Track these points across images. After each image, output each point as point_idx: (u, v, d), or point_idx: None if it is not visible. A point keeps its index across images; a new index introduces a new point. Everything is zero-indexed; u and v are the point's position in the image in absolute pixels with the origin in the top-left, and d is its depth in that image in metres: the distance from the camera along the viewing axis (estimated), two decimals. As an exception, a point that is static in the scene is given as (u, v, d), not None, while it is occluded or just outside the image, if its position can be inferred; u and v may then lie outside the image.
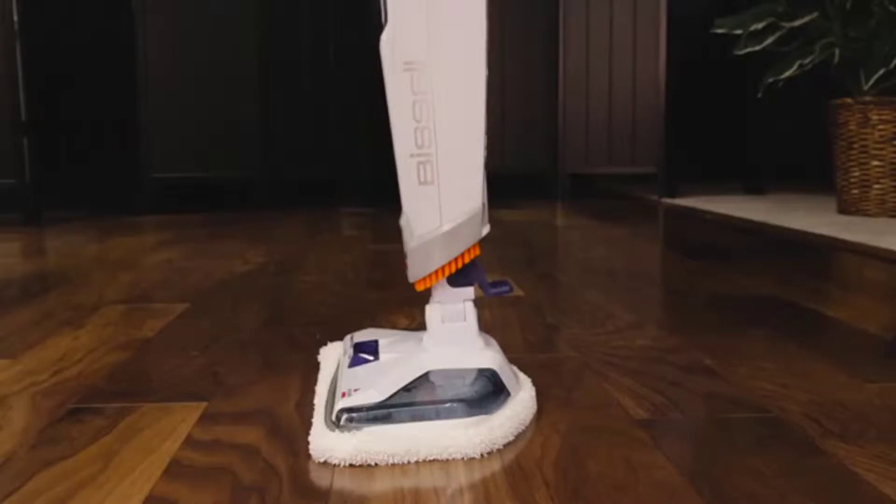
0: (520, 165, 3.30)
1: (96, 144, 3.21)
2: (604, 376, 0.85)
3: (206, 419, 0.73)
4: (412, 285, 0.75)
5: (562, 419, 0.72)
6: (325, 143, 3.40)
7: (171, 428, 0.71)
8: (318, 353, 0.91)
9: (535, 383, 0.77)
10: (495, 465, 0.63)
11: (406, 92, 0.70)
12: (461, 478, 0.61)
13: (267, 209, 2.92)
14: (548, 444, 0.67)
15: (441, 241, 0.72)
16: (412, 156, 0.71)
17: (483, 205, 0.73)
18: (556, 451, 0.65)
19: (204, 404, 0.77)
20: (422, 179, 0.71)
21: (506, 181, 3.42)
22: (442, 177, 0.71)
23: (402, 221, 0.73)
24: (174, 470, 0.62)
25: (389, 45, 0.69)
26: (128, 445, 0.67)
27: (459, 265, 0.73)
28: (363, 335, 0.83)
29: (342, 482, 0.60)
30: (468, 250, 0.73)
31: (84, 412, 0.76)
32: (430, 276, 0.73)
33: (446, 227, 0.72)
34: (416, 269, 0.74)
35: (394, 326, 1.06)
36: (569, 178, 3.24)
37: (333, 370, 0.81)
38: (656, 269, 1.62)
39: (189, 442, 0.68)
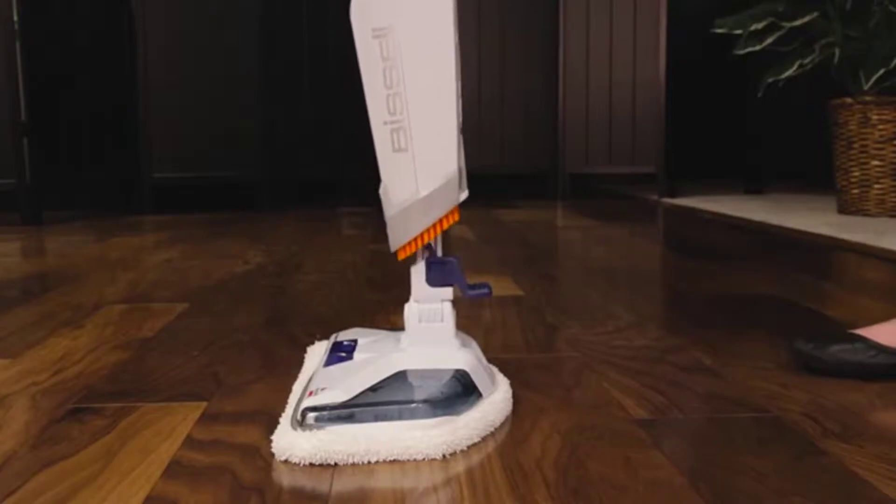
0: (520, 165, 3.30)
1: (96, 144, 3.20)
2: (604, 376, 0.85)
3: (206, 419, 0.73)
4: (395, 255, 0.74)
5: (562, 419, 0.72)
6: (325, 143, 3.40)
7: (171, 428, 0.71)
8: (316, 352, 0.91)
9: (535, 383, 0.77)
10: (495, 465, 0.63)
11: (376, 59, 0.69)
12: (461, 477, 0.61)
13: (267, 209, 2.92)
14: (548, 444, 0.67)
15: (419, 206, 0.71)
16: (385, 123, 0.70)
17: (460, 169, 0.72)
18: (556, 451, 0.65)
19: (204, 404, 0.77)
20: (396, 147, 0.71)
21: (506, 181, 3.42)
22: (416, 142, 0.70)
23: (381, 191, 0.73)
24: (174, 470, 0.62)
25: (358, 13, 0.69)
26: (128, 445, 0.67)
27: (438, 231, 0.73)
28: (347, 335, 0.83)
29: (342, 482, 0.60)
30: (447, 216, 0.72)
31: (84, 412, 0.76)
32: (411, 242, 0.72)
33: (423, 193, 0.71)
34: (397, 237, 0.73)
35: (393, 326, 1.06)
36: (569, 178, 3.24)
37: (314, 369, 0.81)
38: (656, 269, 1.62)
39: (189, 442, 0.68)
